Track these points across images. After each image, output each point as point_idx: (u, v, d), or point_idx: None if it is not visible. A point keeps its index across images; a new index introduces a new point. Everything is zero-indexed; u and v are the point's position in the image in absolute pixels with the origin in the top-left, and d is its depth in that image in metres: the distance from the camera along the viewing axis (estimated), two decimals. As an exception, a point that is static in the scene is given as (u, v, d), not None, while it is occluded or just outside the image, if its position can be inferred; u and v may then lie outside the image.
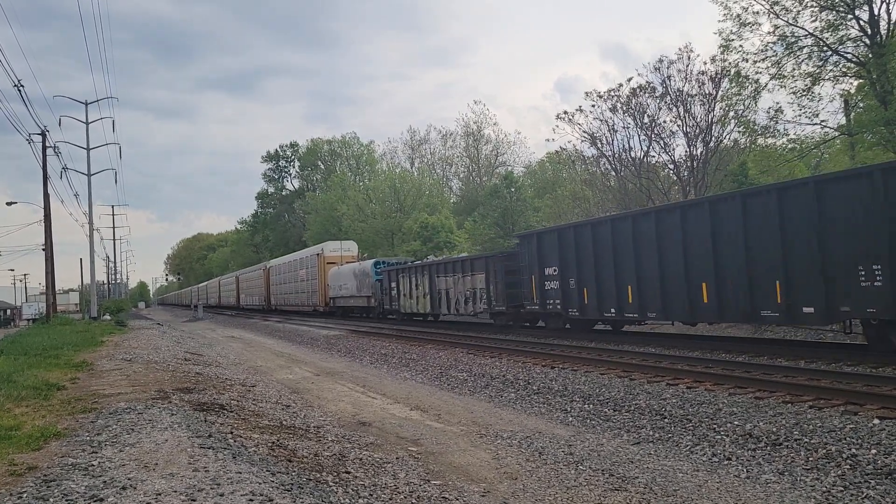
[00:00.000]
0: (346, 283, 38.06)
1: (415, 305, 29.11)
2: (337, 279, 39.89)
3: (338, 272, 40.00)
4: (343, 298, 38.82)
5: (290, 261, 52.55)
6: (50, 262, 37.40)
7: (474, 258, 25.59)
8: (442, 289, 26.49)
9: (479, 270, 23.82)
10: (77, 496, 4.79)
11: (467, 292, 24.53)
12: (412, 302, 29.28)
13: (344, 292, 38.49)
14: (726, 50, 26.13)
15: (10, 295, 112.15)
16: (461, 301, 25.04)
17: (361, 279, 35.85)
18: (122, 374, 12.54)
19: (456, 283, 25.37)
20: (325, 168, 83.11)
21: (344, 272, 38.84)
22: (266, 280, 59.63)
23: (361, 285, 35.82)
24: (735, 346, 14.21)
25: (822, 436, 7.20)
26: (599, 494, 5.93)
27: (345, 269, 38.89)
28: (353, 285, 37.02)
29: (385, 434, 8.46)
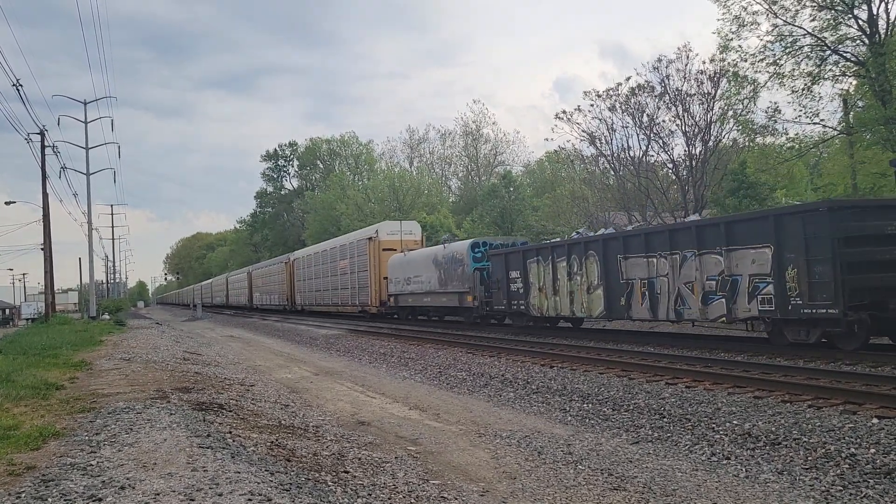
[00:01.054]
0: (417, 276, 28.51)
1: (564, 305, 19.43)
2: (401, 270, 30.23)
3: (403, 261, 30.14)
4: (413, 296, 29.19)
5: (324, 250, 42.82)
6: (49, 262, 37.38)
7: (744, 218, 15.07)
8: (636, 277, 16.75)
9: (752, 242, 13.68)
10: (76, 496, 4.79)
11: (711, 282, 14.57)
12: (557, 300, 19.69)
13: (414, 287, 28.79)
14: (725, 49, 26.15)
15: (9, 294, 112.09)
16: (689, 297, 15.23)
17: (448, 268, 26.14)
18: (121, 373, 12.53)
19: (677, 265, 15.50)
20: (324, 167, 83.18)
21: (415, 260, 29.06)
22: (289, 275, 50.55)
23: (448, 277, 26.07)
24: (734, 346, 14.21)
25: (821, 435, 7.20)
26: (598, 494, 5.93)
27: (416, 257, 29.23)
28: (430, 277, 27.34)
29: (384, 433, 8.46)
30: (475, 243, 25.10)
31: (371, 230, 35.28)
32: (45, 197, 36.42)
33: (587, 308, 18.50)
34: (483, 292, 23.76)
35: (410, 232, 34.29)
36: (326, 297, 41.33)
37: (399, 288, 30.44)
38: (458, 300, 25.54)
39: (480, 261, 24.44)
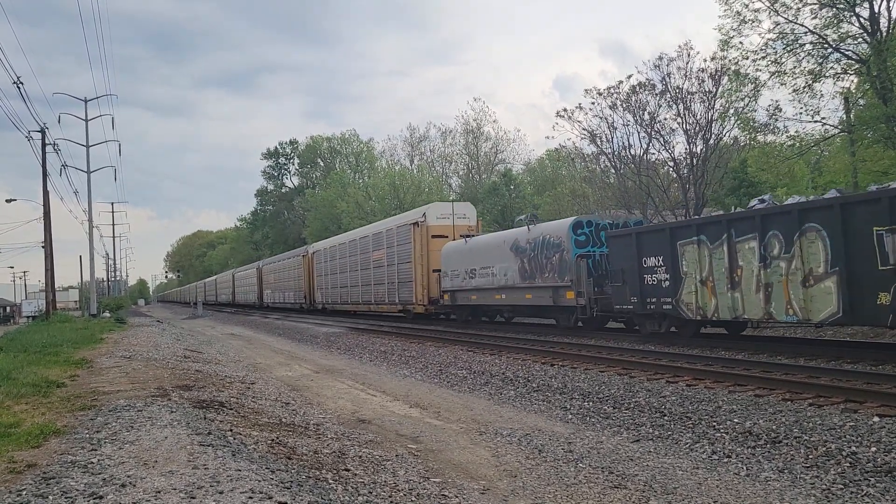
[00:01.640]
0: (486, 267, 22.65)
1: (752, 304, 13.44)
2: (461, 260, 24.32)
3: (464, 249, 24.38)
4: (480, 293, 23.21)
5: (352, 240, 36.55)
6: (49, 260, 37.38)
7: None
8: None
9: None
10: (76, 494, 4.79)
11: None
12: (736, 297, 13.79)
13: (482, 282, 22.94)
14: (726, 46, 26.10)
15: (10, 292, 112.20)
16: None
17: (536, 256, 20.26)
18: (122, 371, 12.53)
19: None
20: (324, 165, 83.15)
21: (482, 248, 23.29)
22: (308, 270, 44.59)
23: (536, 267, 20.26)
24: (735, 344, 14.21)
25: (822, 433, 7.20)
26: (599, 492, 5.93)
27: (483, 244, 23.49)
28: (507, 269, 21.48)
29: (384, 431, 8.46)
30: (578, 222, 19.28)
31: (416, 214, 28.96)
32: (46, 195, 36.43)
33: (802, 308, 12.37)
34: (591, 287, 18.13)
35: (464, 215, 28.17)
36: (355, 295, 35.28)
37: (458, 283, 24.36)
38: (551, 297, 19.62)
39: (585, 245, 18.91)
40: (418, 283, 27.46)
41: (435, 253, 26.73)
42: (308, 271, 44.68)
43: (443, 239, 27.00)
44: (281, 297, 51.98)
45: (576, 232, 19.11)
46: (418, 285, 27.48)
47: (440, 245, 26.63)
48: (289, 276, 49.54)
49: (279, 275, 52.99)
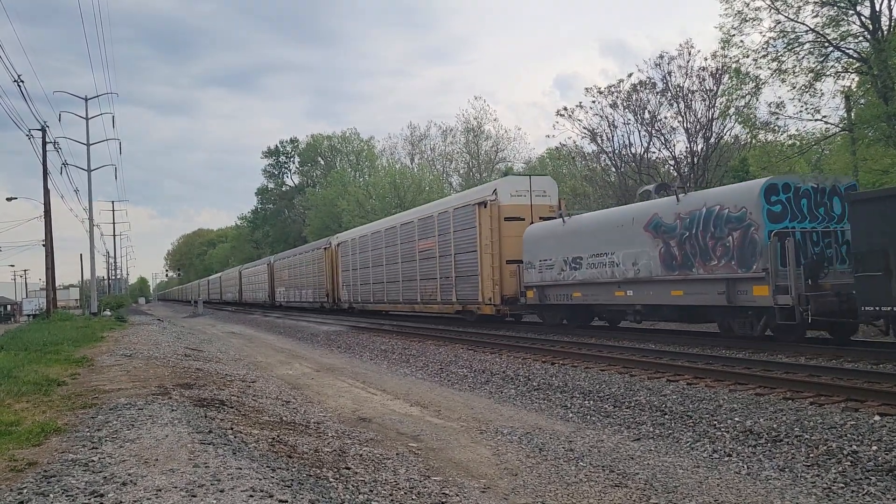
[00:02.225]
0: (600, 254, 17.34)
1: None
2: (554, 247, 19.12)
3: (561, 233, 18.98)
4: (588, 288, 17.91)
5: (390, 227, 30.35)
6: (50, 258, 37.40)
7: None
8: None
9: None
10: (77, 492, 4.79)
11: None
12: None
13: (593, 273, 17.59)
14: (727, 45, 26.08)
15: (11, 291, 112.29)
16: None
17: (695, 236, 14.62)
18: (123, 369, 12.54)
19: None
20: (325, 164, 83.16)
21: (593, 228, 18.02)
22: (330, 264, 38.68)
23: (692, 252, 14.67)
24: (735, 343, 14.19)
25: (823, 432, 7.20)
26: (600, 490, 5.93)
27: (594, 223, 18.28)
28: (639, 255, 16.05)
29: (385, 430, 8.46)
30: (772, 186, 13.53)
31: (483, 191, 23.25)
32: (47, 193, 36.44)
33: None
34: (802, 279, 12.61)
35: (544, 192, 22.21)
36: (393, 292, 29.44)
37: (551, 276, 19.05)
38: (722, 294, 13.98)
39: (781, 219, 13.37)
40: (486, 278, 21.57)
41: (509, 239, 21.26)
42: (331, 266, 38.53)
43: (517, 222, 21.36)
44: (297, 295, 46.38)
45: (768, 200, 13.35)
46: (486, 280, 21.57)
47: (515, 229, 21.24)
48: (307, 271, 43.66)
49: (295, 270, 47.25)
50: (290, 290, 48.36)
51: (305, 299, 44.35)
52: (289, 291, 48.85)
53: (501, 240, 21.42)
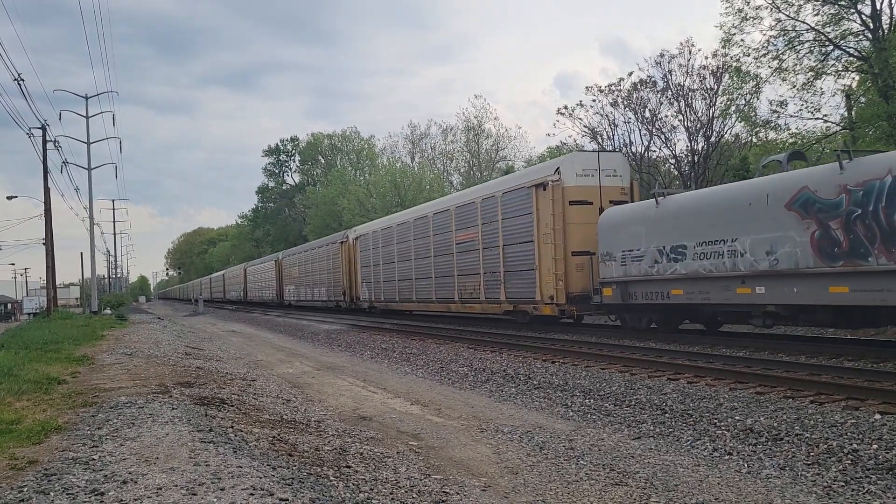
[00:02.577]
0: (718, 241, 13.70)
1: None
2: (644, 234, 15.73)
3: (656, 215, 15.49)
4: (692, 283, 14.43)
5: (421, 216, 27.03)
6: (50, 257, 37.42)
7: None
8: None
9: None
10: (78, 490, 4.79)
11: None
12: None
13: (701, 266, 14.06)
14: (727, 44, 26.10)
15: (11, 289, 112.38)
16: None
17: (878, 213, 10.67)
18: (123, 368, 12.54)
19: None
20: (325, 162, 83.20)
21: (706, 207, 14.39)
22: (347, 260, 35.57)
23: (868, 235, 10.82)
24: (736, 342, 14.19)
25: (824, 431, 7.20)
26: (600, 489, 5.93)
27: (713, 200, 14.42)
28: (777, 242, 12.41)
29: (386, 428, 8.46)
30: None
31: (543, 170, 19.57)
32: (47, 192, 36.45)
33: None
34: None
35: (614, 172, 18.93)
36: (424, 290, 26.16)
37: (640, 269, 15.74)
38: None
39: None
40: (546, 273, 18.47)
41: (574, 227, 18.14)
42: (349, 261, 35.22)
43: (584, 206, 18.27)
44: (309, 293, 43.05)
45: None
46: (546, 275, 18.47)
47: (582, 215, 18.14)
48: (320, 267, 40.32)
49: (306, 267, 43.80)
50: (301, 289, 45.09)
51: (318, 298, 40.99)
52: (299, 289, 45.71)
53: (567, 227, 18.13)
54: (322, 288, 40.01)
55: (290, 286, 48.63)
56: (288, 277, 49.33)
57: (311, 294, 42.78)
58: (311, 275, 42.60)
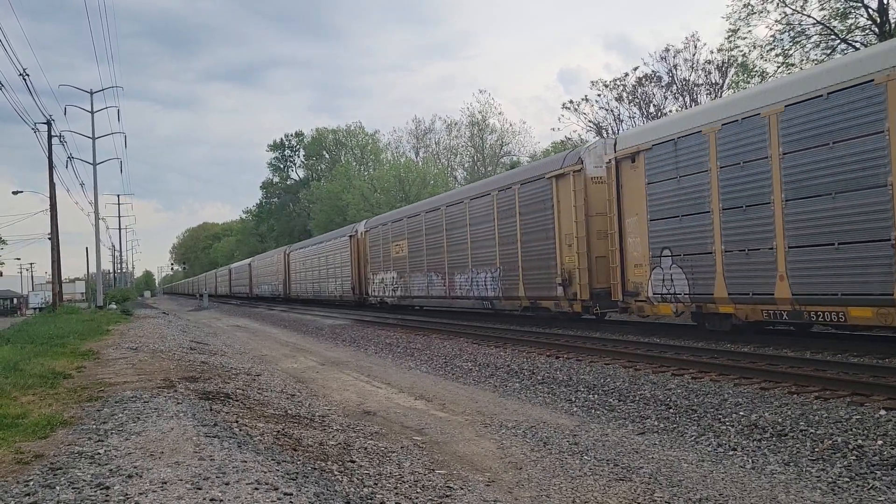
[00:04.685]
0: None
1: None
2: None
3: None
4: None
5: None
6: (56, 252, 37.52)
7: None
8: None
9: None
10: (83, 484, 4.81)
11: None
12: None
13: None
14: (734, 36, 25.99)
15: (17, 284, 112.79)
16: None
17: None
18: (128, 362, 12.58)
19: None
20: (329, 158, 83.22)
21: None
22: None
23: None
24: (740, 337, 14.16)
25: (828, 426, 7.18)
26: (604, 484, 5.93)
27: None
28: None
29: (390, 423, 8.47)
30: None
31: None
32: (52, 187, 36.55)
33: None
34: None
35: None
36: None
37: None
38: None
39: None
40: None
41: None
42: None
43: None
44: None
45: None
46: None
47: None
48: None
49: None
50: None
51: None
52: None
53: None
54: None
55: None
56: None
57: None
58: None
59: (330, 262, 39.01)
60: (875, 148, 10.23)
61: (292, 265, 48.98)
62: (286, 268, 50.51)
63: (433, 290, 25.45)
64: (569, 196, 17.25)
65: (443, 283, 24.51)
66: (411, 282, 27.57)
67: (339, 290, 37.22)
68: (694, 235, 13.70)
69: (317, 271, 42.11)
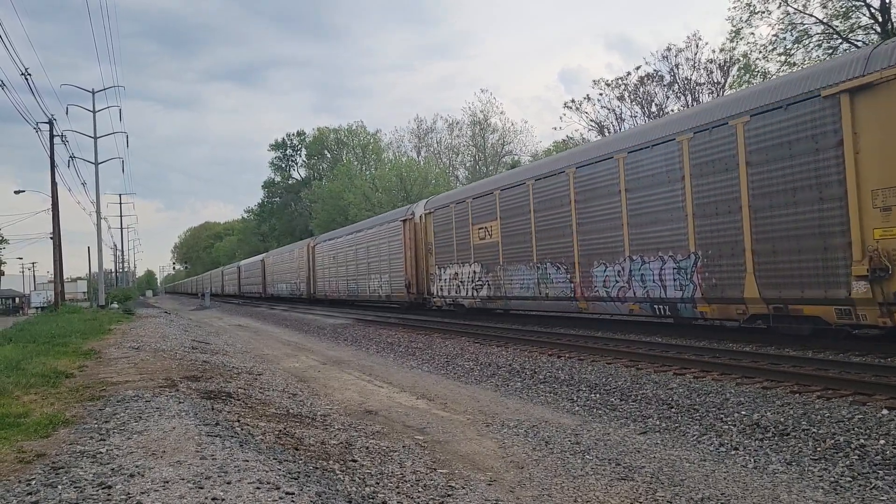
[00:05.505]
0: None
1: None
2: None
3: None
4: None
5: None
6: (57, 251, 37.56)
7: None
8: None
9: None
10: (86, 483, 4.81)
11: None
12: None
13: None
14: (736, 36, 25.97)
15: (19, 283, 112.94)
16: None
17: None
18: (130, 362, 12.59)
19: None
20: (331, 157, 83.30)
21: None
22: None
23: None
24: (742, 336, 14.15)
25: (831, 426, 7.17)
26: (606, 484, 5.92)
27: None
28: None
29: (391, 423, 8.47)
30: None
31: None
32: (54, 186, 36.58)
33: None
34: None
35: None
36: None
37: None
38: None
39: None
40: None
41: None
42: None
43: None
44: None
45: None
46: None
47: None
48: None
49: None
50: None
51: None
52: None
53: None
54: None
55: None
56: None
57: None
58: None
59: (372, 255, 32.40)
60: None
61: (318, 260, 42.70)
62: (310, 263, 44.15)
63: (549, 288, 18.64)
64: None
65: (567, 279, 17.95)
66: (507, 277, 20.56)
67: (385, 289, 30.55)
68: None
69: (353, 266, 35.25)
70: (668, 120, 15.54)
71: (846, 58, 11.77)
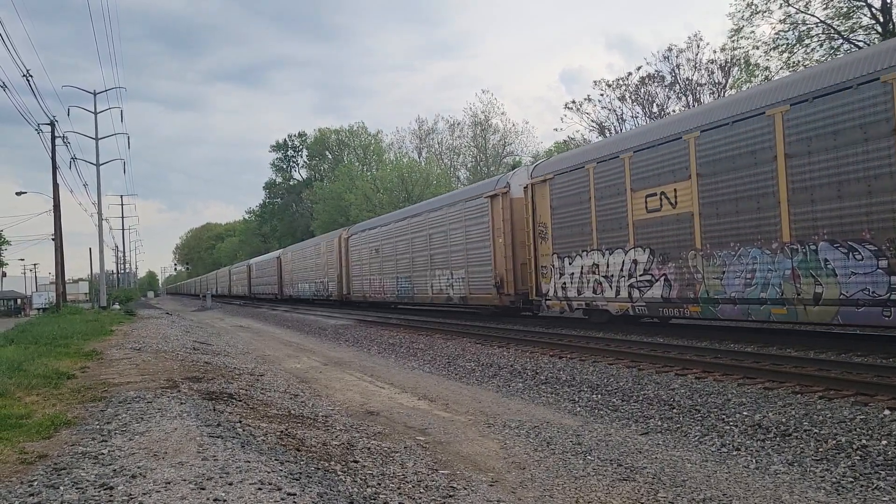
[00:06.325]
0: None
1: None
2: None
3: None
4: None
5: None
6: (59, 252, 37.60)
7: None
8: None
9: None
10: (87, 484, 4.81)
11: None
12: None
13: None
14: (737, 34, 25.96)
15: (21, 284, 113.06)
16: None
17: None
18: (132, 362, 12.59)
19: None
20: (332, 158, 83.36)
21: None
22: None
23: None
24: (744, 337, 14.15)
25: (832, 426, 7.16)
26: (608, 484, 5.92)
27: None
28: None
29: (393, 423, 8.47)
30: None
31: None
32: (56, 187, 36.62)
33: None
34: None
35: None
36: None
37: None
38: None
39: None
40: None
41: None
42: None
43: None
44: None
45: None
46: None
47: None
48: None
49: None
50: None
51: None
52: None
53: None
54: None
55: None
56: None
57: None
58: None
59: (436, 245, 25.84)
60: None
61: (353, 254, 35.81)
62: (342, 258, 37.32)
63: (820, 284, 11.54)
64: None
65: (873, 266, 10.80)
66: (713, 269, 13.57)
67: (458, 289, 24.11)
68: None
69: (406, 260, 28.64)
70: None
71: None
